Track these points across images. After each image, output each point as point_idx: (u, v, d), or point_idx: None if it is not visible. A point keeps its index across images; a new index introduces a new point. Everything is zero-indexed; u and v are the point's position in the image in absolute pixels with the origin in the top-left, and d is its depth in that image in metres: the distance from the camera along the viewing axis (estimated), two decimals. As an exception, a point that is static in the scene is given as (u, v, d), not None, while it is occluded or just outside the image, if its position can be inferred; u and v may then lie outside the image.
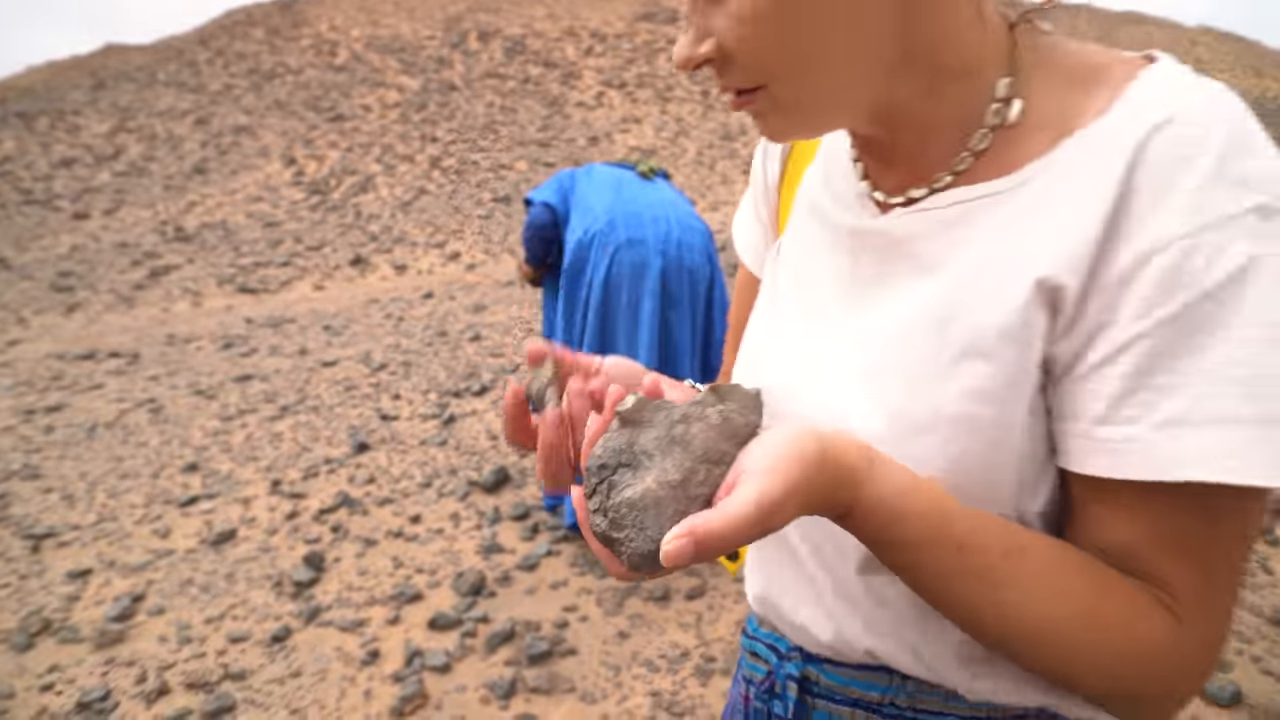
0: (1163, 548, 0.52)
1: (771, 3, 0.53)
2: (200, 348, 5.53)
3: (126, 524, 3.19)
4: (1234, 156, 0.49)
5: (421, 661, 2.36)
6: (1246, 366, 0.48)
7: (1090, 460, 0.52)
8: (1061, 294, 0.52)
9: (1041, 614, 0.52)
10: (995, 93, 0.57)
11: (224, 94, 15.81)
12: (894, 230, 0.61)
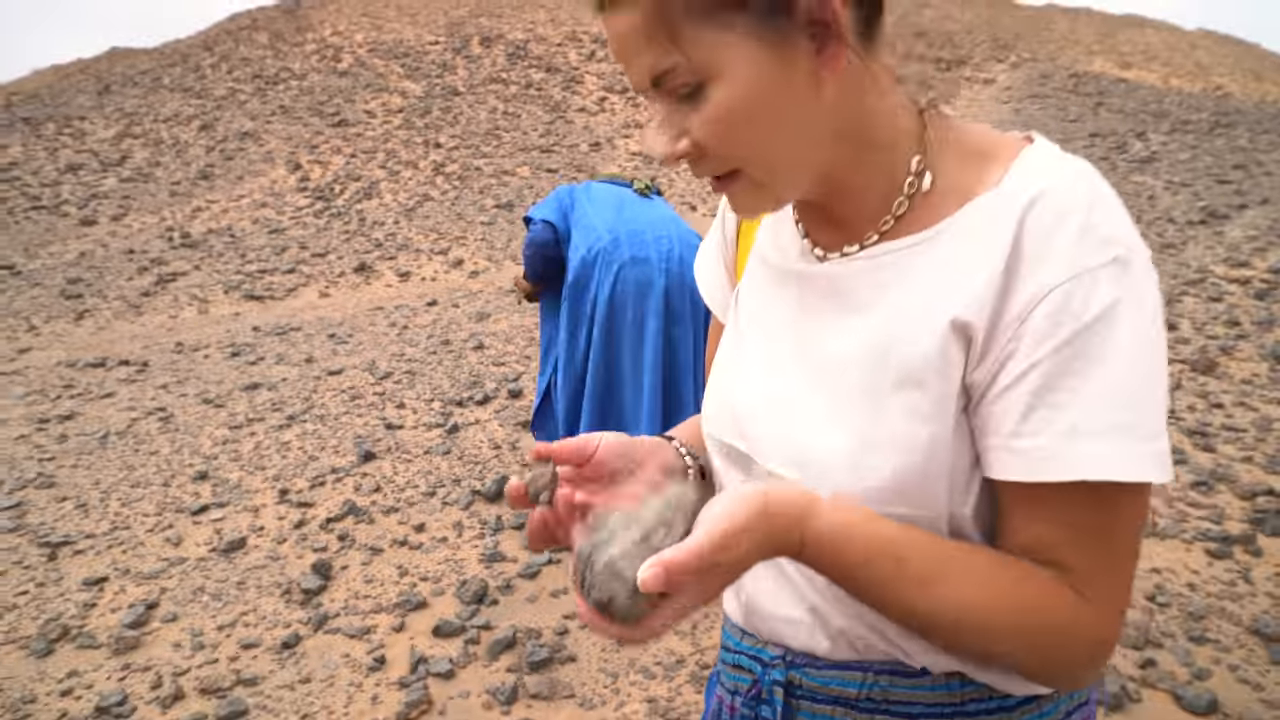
0: (1068, 538, 0.65)
1: (739, 105, 0.65)
2: (208, 356, 5.63)
3: (139, 532, 3.28)
4: (1094, 219, 0.63)
5: (426, 668, 2.45)
6: (1122, 385, 0.61)
7: (1008, 467, 0.64)
8: (972, 330, 0.65)
9: (969, 602, 0.64)
10: (910, 167, 0.71)
11: (229, 99, 15.90)
12: (830, 273, 0.74)
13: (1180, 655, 2.47)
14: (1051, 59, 20.93)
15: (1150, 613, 2.68)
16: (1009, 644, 0.65)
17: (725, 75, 0.65)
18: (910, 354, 0.67)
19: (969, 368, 0.66)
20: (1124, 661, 2.45)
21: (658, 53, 0.65)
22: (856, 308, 0.72)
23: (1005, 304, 0.64)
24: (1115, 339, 0.61)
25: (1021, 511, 0.66)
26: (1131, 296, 0.62)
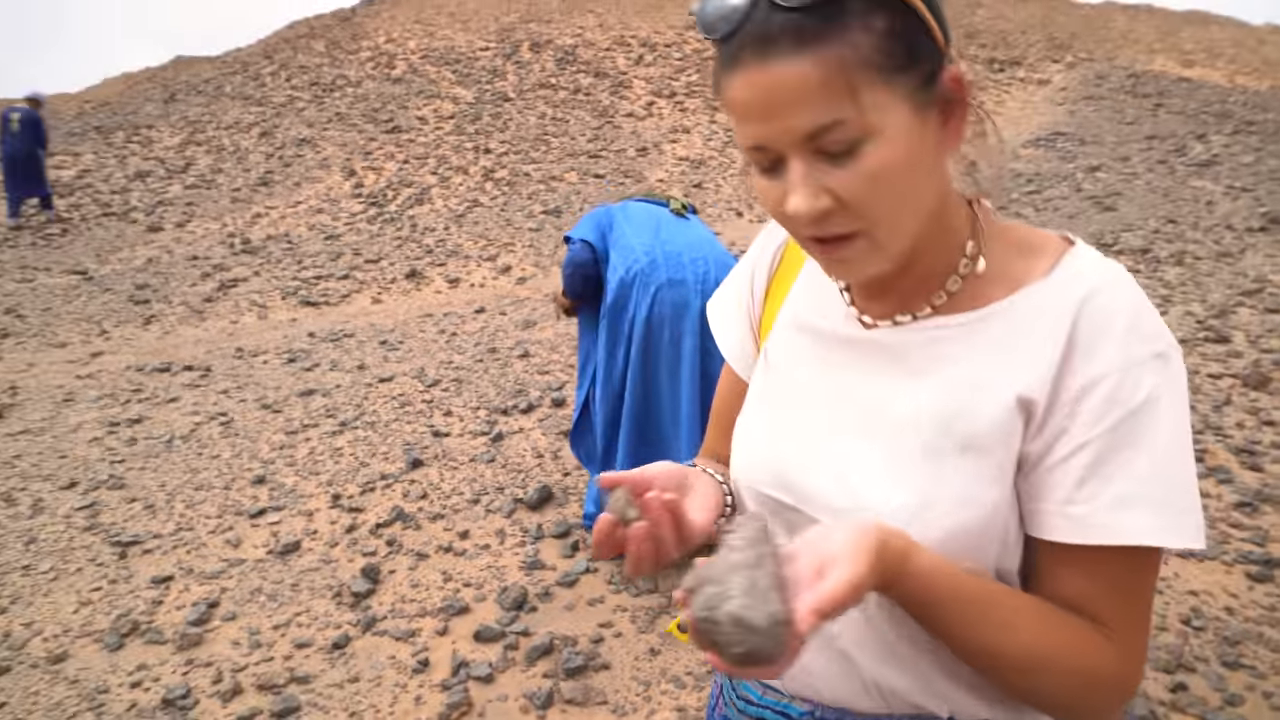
0: (1105, 593, 0.74)
1: (891, 165, 0.69)
2: (266, 361, 5.86)
3: (202, 533, 3.46)
4: (1140, 318, 0.73)
5: (467, 671, 2.56)
6: (1164, 463, 0.71)
7: (1061, 530, 0.73)
8: (1034, 406, 0.73)
9: (1032, 645, 0.73)
10: (965, 250, 0.79)
11: (287, 106, 16.34)
12: (885, 341, 0.81)
13: (1213, 680, 2.47)
14: (1109, 58, 20.46)
15: (1184, 636, 2.68)
16: (1057, 684, 0.74)
17: (884, 135, 0.68)
18: (976, 423, 0.74)
19: (1026, 438, 0.74)
20: (1154, 685, 2.47)
21: (830, 106, 0.67)
22: (913, 374, 0.79)
23: (1062, 385, 0.73)
24: (1157, 423, 0.71)
25: (1065, 568, 0.75)
26: (1170, 387, 0.72)
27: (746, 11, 0.69)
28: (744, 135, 0.72)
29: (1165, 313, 5.59)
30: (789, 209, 0.71)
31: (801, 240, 0.76)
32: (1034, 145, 13.58)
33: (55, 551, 3.38)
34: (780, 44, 0.67)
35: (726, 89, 0.72)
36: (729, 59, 0.71)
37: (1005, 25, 21.91)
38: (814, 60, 0.67)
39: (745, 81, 0.69)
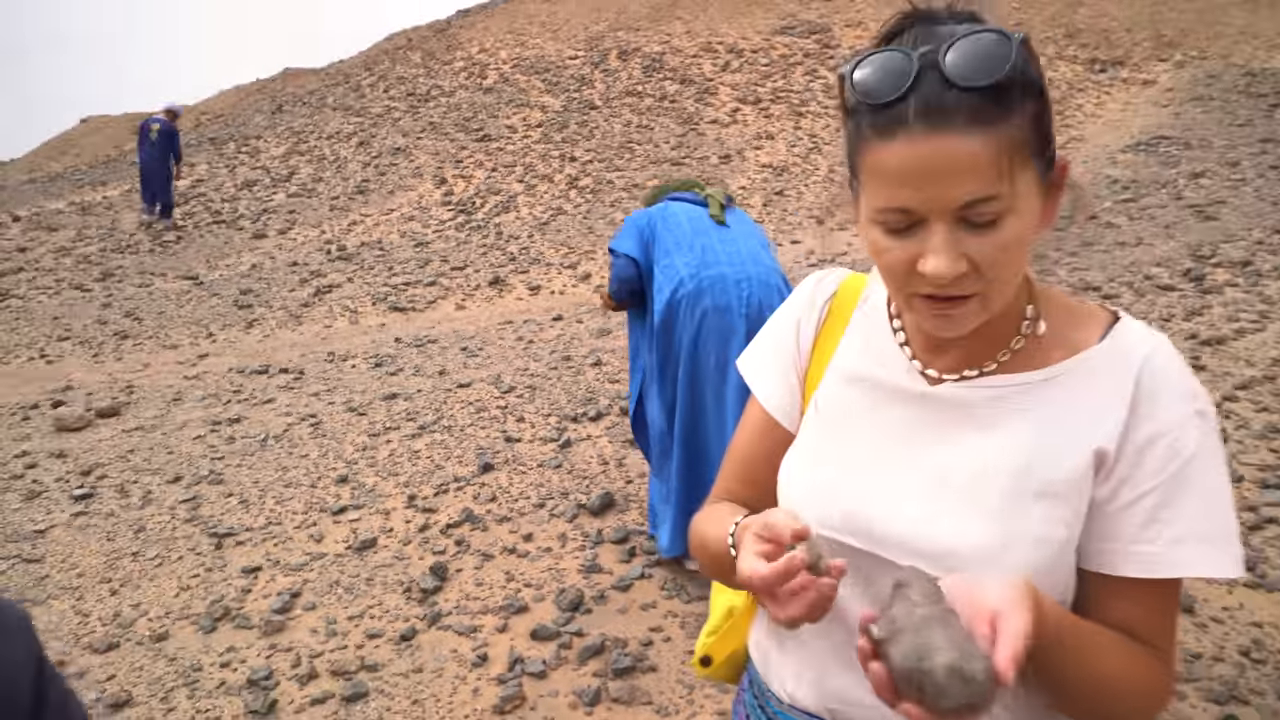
0: (1153, 617, 0.86)
1: (1022, 239, 0.80)
2: (355, 365, 6.20)
3: (289, 528, 3.74)
4: (1186, 381, 0.85)
5: (522, 667, 2.72)
6: (1212, 507, 0.83)
7: (1129, 567, 0.85)
8: (1106, 457, 0.85)
9: (1111, 671, 0.84)
10: (1026, 313, 0.91)
11: (384, 116, 17.01)
12: (950, 396, 0.91)
13: (1266, 714, 2.43)
14: (1223, 56, 19.41)
15: (1241, 668, 2.63)
16: (1134, 702, 0.86)
17: (1020, 210, 0.78)
18: (1054, 472, 0.85)
19: (1095, 484, 0.85)
20: (1202, 715, 2.44)
21: (991, 182, 0.75)
22: (983, 427, 0.88)
23: (1128, 439, 0.84)
24: (1205, 472, 0.83)
25: (1121, 598, 0.86)
26: (1211, 439, 0.85)
27: (913, 82, 0.76)
28: (889, 198, 0.79)
29: (1262, 329, 5.37)
30: (928, 269, 0.78)
31: (907, 296, 0.84)
32: (1133, 150, 13.06)
33: (160, 540, 3.71)
34: (955, 119, 0.75)
35: (879, 152, 0.78)
36: (886, 124, 0.77)
37: (1109, 23, 21.02)
38: (984, 139, 0.75)
39: (909, 150, 0.76)
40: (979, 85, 0.75)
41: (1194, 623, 2.83)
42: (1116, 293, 6.54)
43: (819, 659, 0.96)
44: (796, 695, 0.99)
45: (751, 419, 1.08)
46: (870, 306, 1.01)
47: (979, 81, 0.75)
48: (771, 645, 1.04)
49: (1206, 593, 2.98)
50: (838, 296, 1.04)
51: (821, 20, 19.67)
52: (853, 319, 1.02)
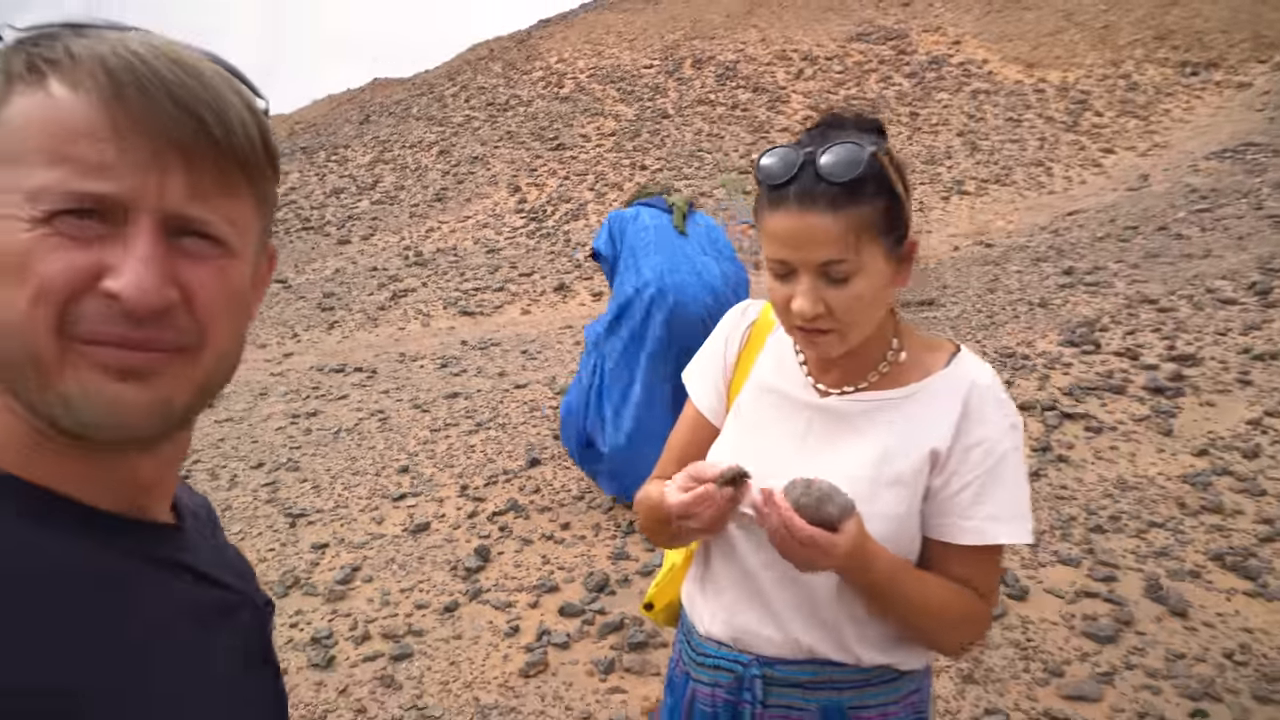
0: (979, 571, 1.18)
1: (866, 294, 1.11)
2: (423, 366, 6.65)
3: (354, 511, 4.15)
4: (1001, 399, 1.16)
5: (548, 639, 3.04)
6: (1015, 493, 1.14)
7: (960, 535, 1.17)
8: (939, 455, 1.17)
9: (938, 597, 1.17)
10: (891, 344, 1.23)
11: (465, 126, 17.64)
12: (834, 407, 1.24)
13: (1237, 711, 2.56)
14: (1327, 57, 18.54)
15: (1222, 669, 2.75)
16: (951, 629, 1.18)
17: (867, 273, 1.08)
18: (902, 465, 1.17)
19: (932, 475, 1.16)
20: (1174, 709, 2.59)
21: (840, 250, 1.06)
22: (857, 431, 1.21)
23: (957, 442, 1.15)
24: (1011, 468, 1.15)
25: (953, 557, 1.17)
26: (1016, 444, 1.16)
27: (796, 173, 1.07)
28: (773, 251, 1.10)
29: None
30: (795, 307, 1.11)
31: (789, 326, 1.17)
32: (1218, 157, 12.66)
33: (244, 518, 4.16)
34: (819, 203, 1.05)
35: (770, 219, 1.10)
36: (777, 200, 1.08)
37: (1203, 24, 20.23)
38: (835, 219, 1.05)
39: (786, 219, 1.08)
40: (838, 181, 1.05)
41: (1184, 625, 2.95)
42: (1173, 306, 6.48)
43: (729, 601, 1.27)
44: (712, 629, 1.29)
45: (687, 416, 1.39)
46: (781, 333, 1.31)
47: (838, 178, 1.05)
48: (696, 591, 1.34)
49: (1204, 599, 3.09)
50: (757, 324, 1.35)
51: (898, 26, 19.53)
52: (768, 342, 1.32)
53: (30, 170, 0.53)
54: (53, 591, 0.54)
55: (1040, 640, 2.93)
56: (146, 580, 0.61)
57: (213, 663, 0.64)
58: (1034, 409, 4.66)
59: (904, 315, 1.29)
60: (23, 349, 0.54)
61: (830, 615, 1.19)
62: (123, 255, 0.54)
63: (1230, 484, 3.81)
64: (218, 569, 0.70)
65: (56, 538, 0.56)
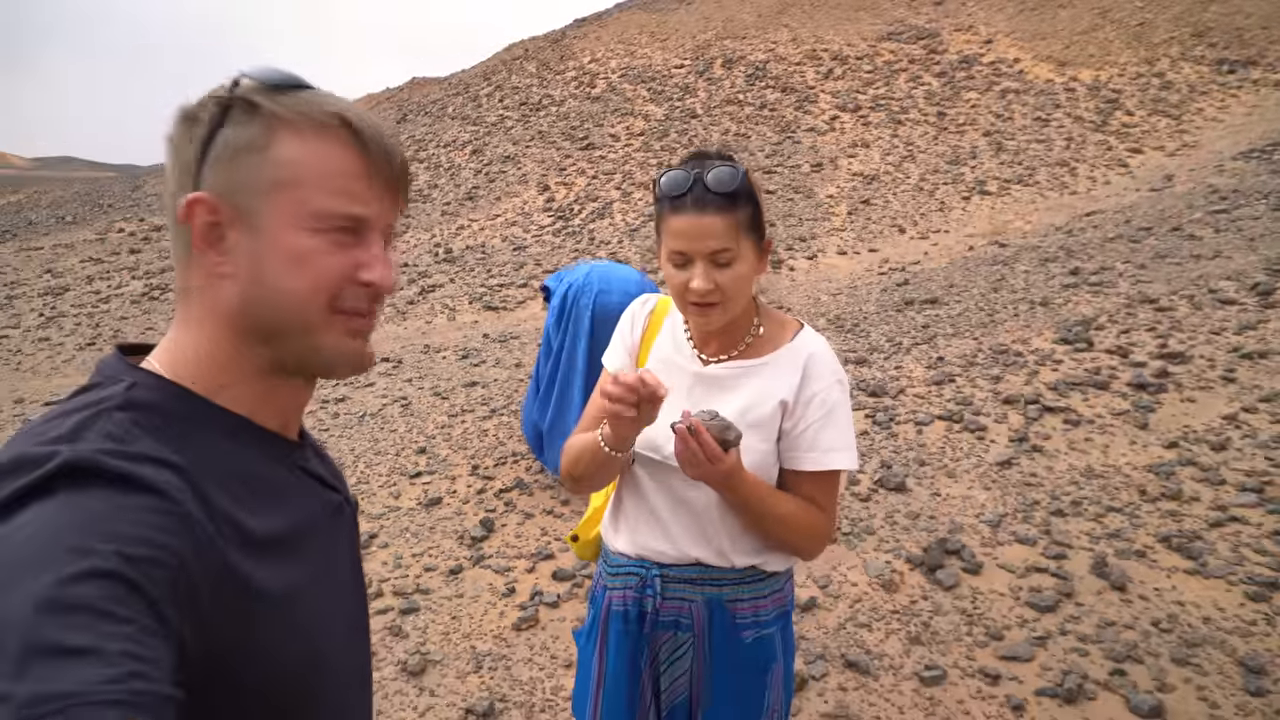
0: (820, 491, 1.56)
1: (743, 274, 1.48)
2: (445, 357, 7.04)
3: (374, 487, 4.53)
4: (831, 364, 1.56)
5: (540, 599, 3.38)
6: (844, 430, 1.53)
7: (804, 463, 1.53)
8: (787, 404, 1.53)
9: (789, 510, 1.52)
10: (753, 321, 1.61)
11: (498, 125, 18.04)
12: (713, 373, 1.61)
13: (1155, 671, 2.82)
14: (1369, 55, 18.22)
15: (1147, 635, 3.01)
16: (802, 535, 1.55)
17: (743, 259, 1.46)
18: (760, 414, 1.54)
19: (782, 421, 1.54)
20: (1095, 668, 2.85)
21: (726, 241, 1.43)
22: (729, 389, 1.59)
23: (800, 395, 1.52)
24: (841, 412, 1.52)
25: (802, 482, 1.54)
26: (844, 396, 1.53)
27: (689, 188, 1.44)
28: (674, 245, 1.47)
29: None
30: (694, 286, 1.46)
31: (685, 304, 1.52)
32: (1245, 158, 12.62)
33: (275, 491, 4.56)
34: (710, 208, 1.45)
35: (673, 221, 1.45)
36: (678, 207, 1.44)
37: (1243, 21, 19.96)
38: (723, 219, 1.43)
39: (686, 220, 1.44)
40: (722, 192, 1.43)
41: (1121, 598, 3.21)
42: (1172, 305, 6.63)
43: (634, 524, 1.63)
44: (619, 547, 1.66)
45: (603, 383, 1.70)
46: (674, 318, 1.67)
47: (722, 190, 1.45)
48: (609, 521, 1.71)
49: (1145, 576, 3.34)
50: (655, 311, 1.70)
51: (930, 25, 19.55)
52: (664, 324, 1.66)
53: (313, 196, 0.79)
54: (245, 477, 0.79)
55: (986, 609, 3.21)
56: (295, 480, 0.88)
57: (339, 547, 0.93)
58: (1017, 402, 4.91)
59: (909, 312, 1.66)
60: (298, 316, 0.80)
61: (711, 531, 1.57)
62: (369, 257, 0.82)
63: (1193, 474, 4.03)
64: (328, 472, 0.96)
65: (246, 450, 0.81)
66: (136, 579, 0.60)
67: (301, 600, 0.79)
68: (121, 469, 0.67)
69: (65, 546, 0.59)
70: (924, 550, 3.55)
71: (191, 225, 0.79)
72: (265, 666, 0.74)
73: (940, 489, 4.11)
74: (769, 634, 1.60)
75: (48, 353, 8.18)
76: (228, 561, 0.71)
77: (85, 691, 0.52)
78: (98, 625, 0.56)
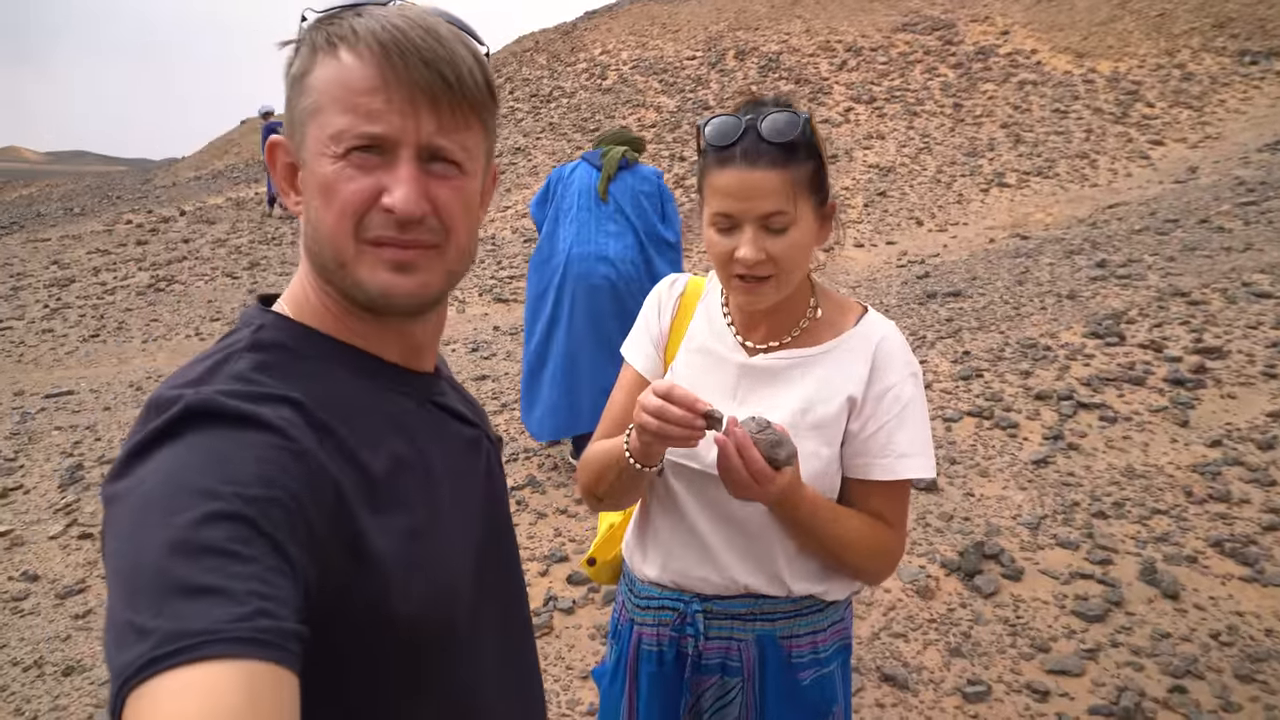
0: (891, 506, 1.32)
1: (800, 243, 1.24)
2: (454, 350, 6.85)
3: (381, 483, 4.35)
4: (905, 353, 1.31)
5: (555, 604, 3.19)
6: (919, 433, 1.28)
7: (875, 473, 1.30)
8: (855, 402, 1.30)
9: (855, 532, 1.29)
10: (810, 303, 1.36)
11: (508, 117, 17.89)
12: (763, 365, 1.36)
13: (1217, 689, 2.62)
14: (1396, 45, 17.86)
15: (1206, 649, 2.81)
16: (870, 556, 1.30)
17: (800, 225, 1.22)
18: (824, 413, 1.30)
19: (849, 421, 1.30)
20: (1154, 685, 2.65)
21: (780, 202, 1.19)
22: (782, 384, 1.34)
23: (870, 391, 1.29)
24: (916, 410, 1.29)
25: (871, 493, 1.31)
26: (919, 391, 1.31)
27: (740, 135, 1.21)
28: (719, 205, 1.24)
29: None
30: (741, 254, 1.23)
31: (729, 278, 1.28)
32: (1270, 149, 12.34)
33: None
34: (761, 160, 1.19)
35: (717, 176, 1.22)
36: (724, 159, 1.21)
37: (1266, 11, 19.58)
38: (779, 175, 1.19)
39: (734, 176, 1.20)
40: (777, 142, 1.18)
41: (1175, 608, 3.01)
42: (1205, 299, 6.40)
43: (667, 547, 1.39)
44: (650, 575, 1.42)
45: (625, 381, 1.50)
46: (709, 300, 1.43)
47: (777, 140, 1.19)
48: (635, 543, 1.46)
49: (1198, 583, 3.14)
50: (685, 294, 1.47)
51: (945, 16, 19.27)
52: (697, 309, 1.43)
53: (329, 119, 0.75)
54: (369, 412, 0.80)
55: (1030, 618, 3.01)
56: (423, 414, 0.87)
57: (471, 482, 0.91)
58: (1050, 398, 4.70)
59: (931, 305, 1.44)
60: (332, 249, 0.77)
61: (763, 550, 1.32)
62: (393, 179, 0.76)
63: (1240, 474, 3.82)
64: (465, 407, 0.95)
65: (368, 384, 0.82)
66: (258, 519, 0.62)
67: (424, 537, 0.79)
68: (241, 409, 0.68)
69: (190, 489, 0.62)
70: (960, 554, 3.35)
71: (268, 163, 0.82)
72: (386, 604, 0.74)
73: (974, 489, 3.91)
74: (829, 671, 1.37)
75: (50, 344, 8.02)
76: (345, 498, 0.72)
77: (217, 629, 0.55)
78: (226, 566, 0.58)
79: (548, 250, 4.23)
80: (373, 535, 0.73)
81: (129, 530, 0.61)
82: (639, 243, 4.07)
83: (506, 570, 0.97)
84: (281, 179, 0.82)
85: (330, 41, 0.76)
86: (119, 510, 0.64)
